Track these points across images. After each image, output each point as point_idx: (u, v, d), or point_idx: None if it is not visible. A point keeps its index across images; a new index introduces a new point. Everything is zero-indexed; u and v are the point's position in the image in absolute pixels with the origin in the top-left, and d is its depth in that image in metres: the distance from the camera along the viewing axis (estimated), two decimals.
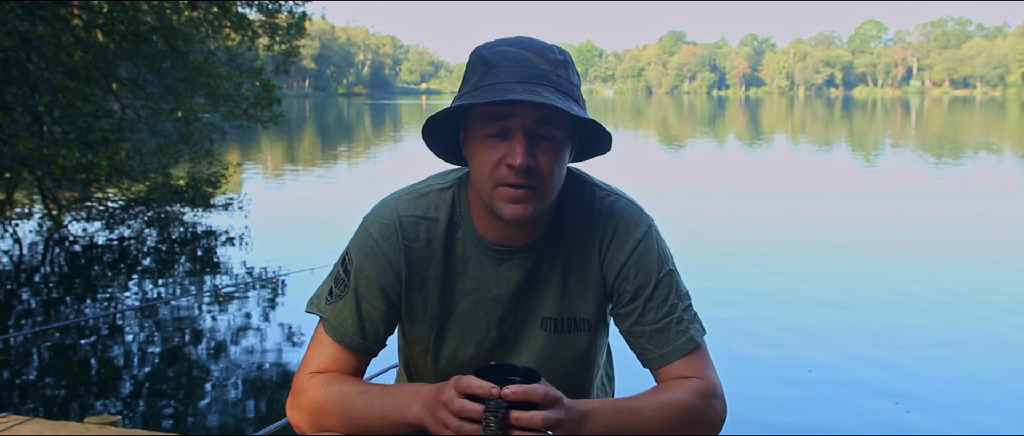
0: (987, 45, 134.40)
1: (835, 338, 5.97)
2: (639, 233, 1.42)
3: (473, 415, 1.13)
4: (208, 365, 5.51)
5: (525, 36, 1.33)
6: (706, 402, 1.35)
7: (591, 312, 1.44)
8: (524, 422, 1.12)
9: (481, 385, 1.13)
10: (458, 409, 1.14)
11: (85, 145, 8.22)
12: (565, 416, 1.16)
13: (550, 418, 1.13)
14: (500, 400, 1.11)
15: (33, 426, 2.94)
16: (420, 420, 1.23)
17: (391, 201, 1.44)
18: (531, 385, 1.13)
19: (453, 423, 1.14)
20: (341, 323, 1.40)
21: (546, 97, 1.22)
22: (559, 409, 1.15)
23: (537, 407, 1.13)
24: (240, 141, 23.39)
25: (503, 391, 1.12)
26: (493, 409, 1.11)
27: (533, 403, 1.13)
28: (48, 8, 7.73)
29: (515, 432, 1.12)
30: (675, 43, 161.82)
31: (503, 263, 1.41)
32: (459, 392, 1.15)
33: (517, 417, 1.12)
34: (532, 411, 1.13)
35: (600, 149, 1.41)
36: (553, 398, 1.15)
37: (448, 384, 1.18)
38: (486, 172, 1.29)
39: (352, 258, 1.41)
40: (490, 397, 1.12)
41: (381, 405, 1.30)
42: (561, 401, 1.16)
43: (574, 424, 1.18)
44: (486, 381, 1.13)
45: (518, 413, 1.12)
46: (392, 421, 1.28)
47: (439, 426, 1.17)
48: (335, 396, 1.33)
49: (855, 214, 11.50)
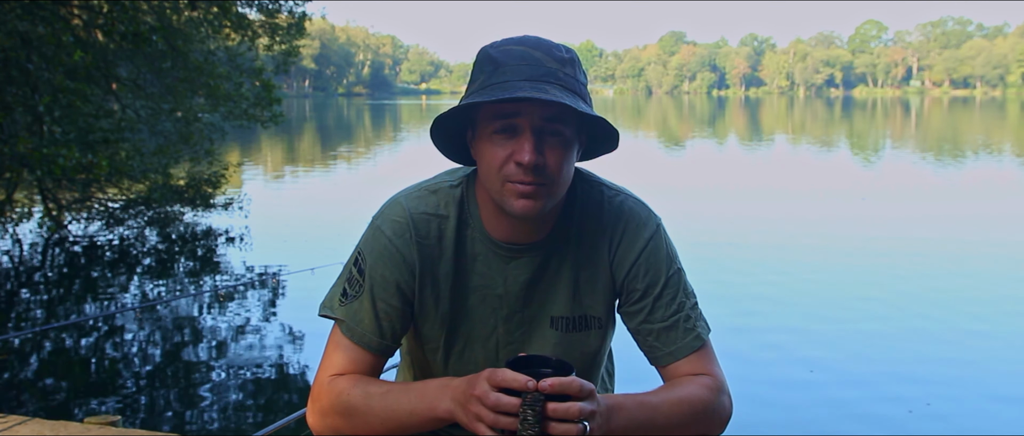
0: (987, 45, 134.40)
1: (836, 338, 5.97)
2: (648, 232, 1.43)
3: (509, 409, 1.11)
4: (208, 365, 5.50)
5: (532, 35, 1.33)
6: (717, 398, 1.36)
7: (602, 310, 1.45)
8: (561, 413, 1.11)
9: (517, 378, 1.11)
10: (494, 403, 1.13)
11: (85, 145, 8.22)
12: (597, 408, 1.16)
13: (586, 410, 1.12)
14: (537, 393, 1.10)
15: (33, 426, 2.94)
16: (450, 414, 1.22)
17: (401, 199, 1.43)
18: (567, 377, 1.12)
19: (488, 417, 1.13)
20: (358, 323, 1.39)
21: (553, 94, 1.22)
22: (593, 401, 1.15)
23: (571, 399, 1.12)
24: (240, 141, 23.40)
25: (540, 384, 1.11)
26: (530, 402, 1.10)
27: (567, 395, 1.12)
28: (48, 8, 7.73)
29: (553, 424, 1.11)
30: (675, 43, 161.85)
31: (511, 261, 1.41)
32: (494, 385, 1.13)
33: (554, 409, 1.11)
34: (569, 402, 1.12)
35: (607, 147, 1.41)
36: (588, 390, 1.14)
37: (480, 377, 1.16)
38: (494, 169, 1.28)
39: (366, 257, 1.40)
40: (526, 390, 1.11)
41: (408, 402, 1.29)
42: (594, 393, 1.16)
43: (604, 417, 1.18)
44: (522, 374, 1.12)
45: (555, 405, 1.11)
46: (421, 418, 1.27)
47: (473, 420, 1.16)
48: (358, 398, 1.32)
49: (855, 214, 11.50)
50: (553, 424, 1.11)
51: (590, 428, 1.13)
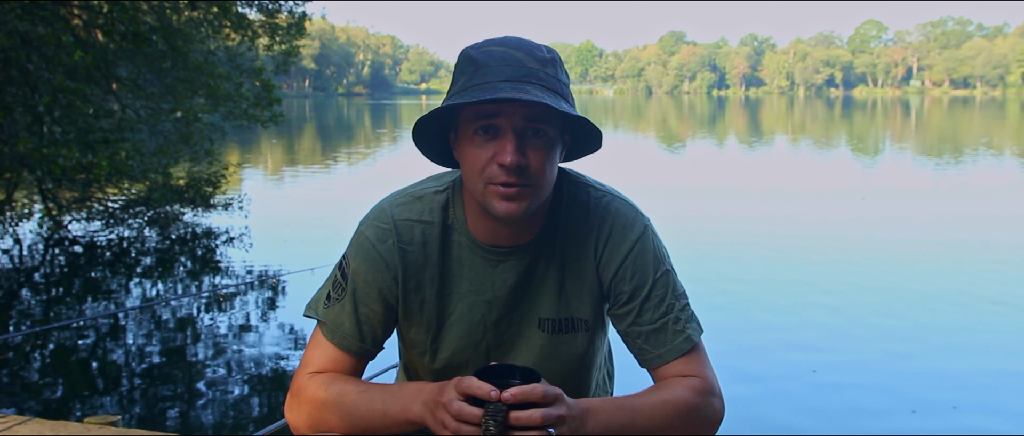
0: (987, 45, 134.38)
1: (836, 338, 5.96)
2: (635, 234, 1.42)
3: (471, 418, 1.13)
4: (208, 365, 5.50)
5: (513, 36, 1.32)
6: (705, 400, 1.35)
7: (589, 313, 1.44)
8: (524, 421, 1.12)
9: (481, 387, 1.13)
10: (457, 412, 1.14)
11: (85, 145, 8.22)
12: (567, 412, 1.16)
13: (550, 415, 1.13)
14: (499, 403, 1.11)
15: (33, 426, 2.94)
16: (421, 418, 1.23)
17: (386, 205, 1.44)
18: (529, 385, 1.13)
19: (451, 424, 1.15)
20: (339, 326, 1.40)
21: (535, 95, 1.22)
22: (560, 405, 1.15)
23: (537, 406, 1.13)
24: (240, 141, 23.39)
25: (503, 394, 1.11)
26: (492, 412, 1.11)
27: (534, 402, 1.13)
28: (48, 8, 7.73)
29: (515, 433, 1.12)
30: (675, 43, 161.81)
31: (497, 265, 1.41)
32: (459, 393, 1.15)
33: (516, 417, 1.12)
34: (532, 410, 1.12)
35: (591, 147, 1.40)
36: (553, 395, 1.14)
37: (449, 384, 1.18)
38: (477, 171, 1.28)
39: (349, 262, 1.42)
40: (489, 400, 1.12)
41: (382, 403, 1.30)
42: (561, 398, 1.16)
43: (577, 421, 1.18)
44: (486, 383, 1.13)
45: (517, 413, 1.12)
46: (393, 419, 1.28)
47: (438, 426, 1.18)
48: (335, 395, 1.34)
49: (855, 214, 11.50)
50: (516, 433, 1.11)
51: (558, 432, 1.13)
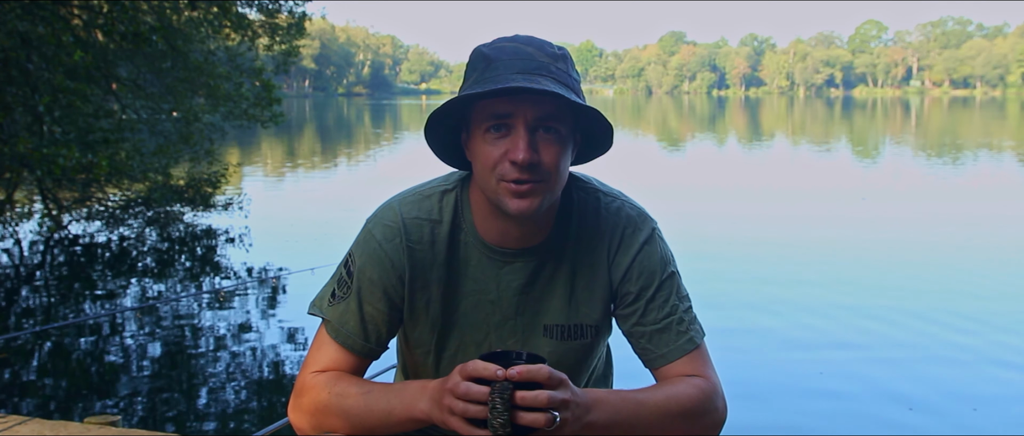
0: (987, 45, 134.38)
1: (836, 338, 5.96)
2: (644, 236, 1.42)
3: (479, 397, 1.12)
4: (208, 365, 5.50)
5: (523, 34, 1.33)
6: (709, 399, 1.35)
7: (598, 318, 1.44)
8: (529, 401, 1.11)
9: (487, 367, 1.12)
10: (463, 392, 1.13)
11: (85, 145, 8.22)
12: (572, 398, 1.15)
13: (556, 398, 1.12)
14: (506, 382, 1.11)
15: (33, 426, 2.94)
16: (427, 414, 1.22)
17: (394, 203, 1.43)
18: (535, 365, 1.13)
19: (458, 406, 1.14)
20: (343, 325, 1.39)
21: (547, 86, 1.22)
22: (565, 390, 1.14)
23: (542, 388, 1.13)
24: (240, 141, 23.39)
25: (508, 372, 1.11)
26: (499, 390, 1.11)
27: (539, 383, 1.12)
28: (48, 8, 7.73)
29: (521, 413, 1.11)
30: (675, 43, 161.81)
31: (504, 266, 1.40)
32: (464, 376, 1.14)
33: (523, 396, 1.11)
34: (537, 390, 1.12)
35: (602, 148, 1.40)
36: (558, 379, 1.14)
37: (454, 372, 1.17)
38: (489, 168, 1.28)
39: (355, 260, 1.41)
40: (495, 379, 1.11)
41: (386, 403, 1.29)
42: (566, 383, 1.15)
43: (581, 408, 1.18)
44: (492, 364, 1.13)
45: (523, 392, 1.11)
46: (398, 418, 1.28)
47: (445, 413, 1.17)
48: (338, 396, 1.33)
49: (855, 214, 11.50)
50: (521, 413, 1.11)
51: (562, 417, 1.13)
